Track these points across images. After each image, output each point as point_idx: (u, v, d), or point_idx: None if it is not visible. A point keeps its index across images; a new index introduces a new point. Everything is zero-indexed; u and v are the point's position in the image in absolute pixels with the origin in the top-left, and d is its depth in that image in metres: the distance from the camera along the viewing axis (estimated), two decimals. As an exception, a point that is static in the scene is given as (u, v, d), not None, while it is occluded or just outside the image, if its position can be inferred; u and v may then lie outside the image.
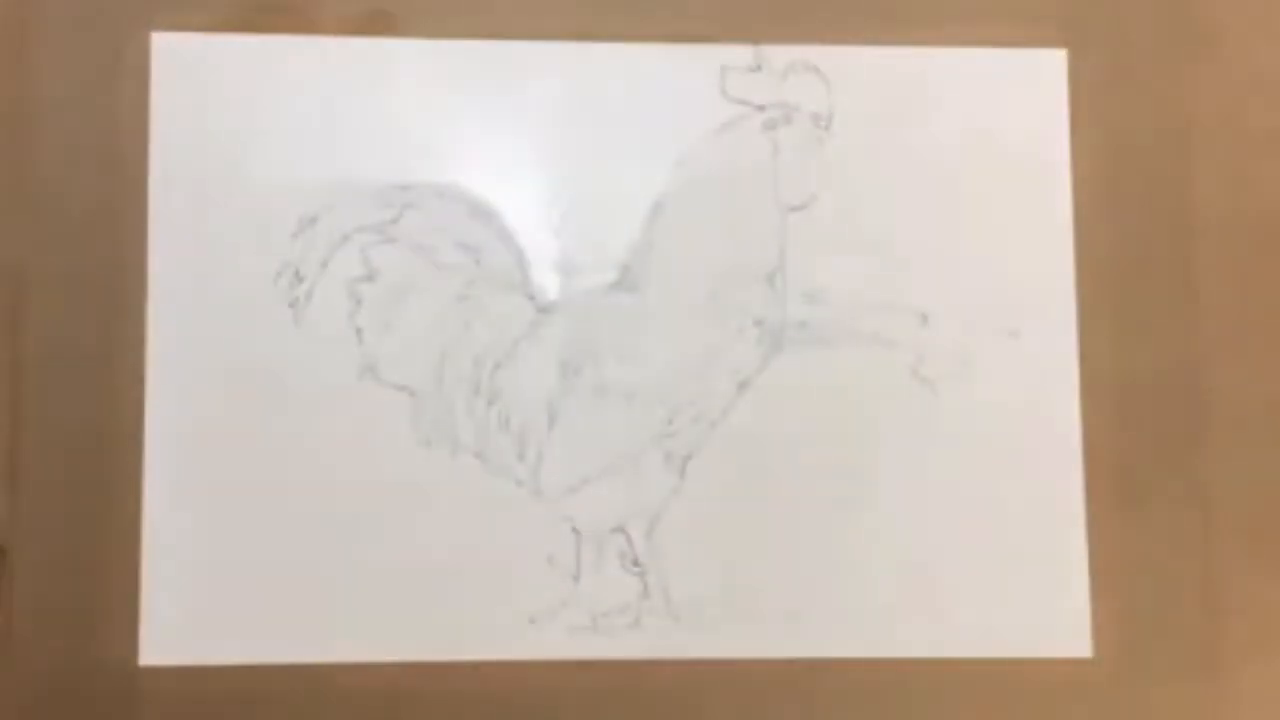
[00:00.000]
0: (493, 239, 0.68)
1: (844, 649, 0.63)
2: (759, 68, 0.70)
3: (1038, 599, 0.68)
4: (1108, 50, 0.71)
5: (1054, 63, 0.71)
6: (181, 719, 0.65)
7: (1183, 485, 0.69)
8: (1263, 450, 0.70)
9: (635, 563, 0.67)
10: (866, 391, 0.69)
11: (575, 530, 0.67)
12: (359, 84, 0.68)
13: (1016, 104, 0.71)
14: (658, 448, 0.68)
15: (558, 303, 0.68)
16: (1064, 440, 0.69)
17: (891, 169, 0.70)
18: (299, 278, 0.67)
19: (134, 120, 0.67)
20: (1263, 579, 0.69)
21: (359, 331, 0.67)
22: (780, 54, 0.70)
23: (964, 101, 0.71)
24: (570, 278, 0.68)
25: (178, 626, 0.65)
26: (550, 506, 0.67)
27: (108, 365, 0.66)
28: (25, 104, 0.67)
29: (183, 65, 0.68)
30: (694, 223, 0.69)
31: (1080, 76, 0.71)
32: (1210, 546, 0.69)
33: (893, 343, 0.69)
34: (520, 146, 0.69)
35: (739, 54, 0.70)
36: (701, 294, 0.69)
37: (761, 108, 0.70)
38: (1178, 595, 0.69)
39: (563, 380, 0.68)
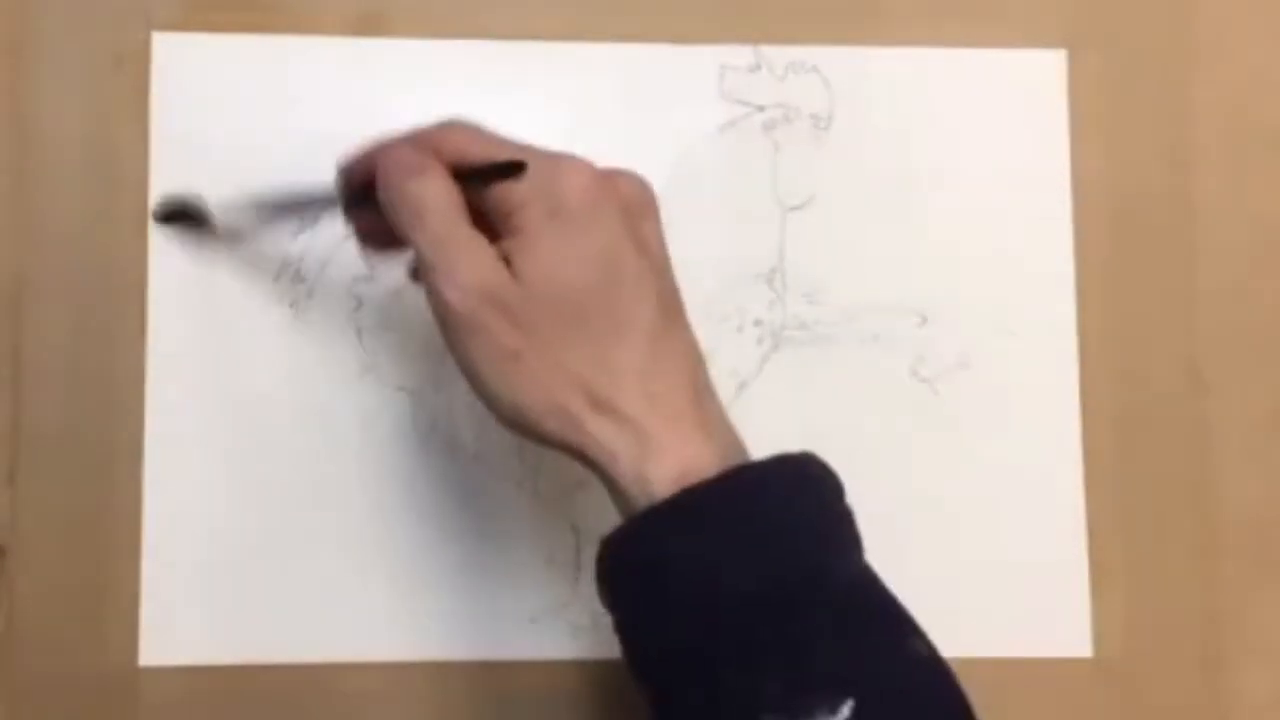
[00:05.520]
0: (493, 239, 0.68)
1: (844, 649, 0.63)
2: (759, 68, 0.70)
3: (1038, 599, 0.68)
4: (1108, 50, 0.71)
5: (1054, 63, 0.71)
6: (181, 719, 0.65)
7: (1183, 486, 0.69)
8: (1263, 450, 0.70)
9: (635, 563, 0.67)
10: (866, 391, 0.69)
11: (575, 530, 0.67)
12: (359, 84, 0.68)
13: (1016, 104, 0.71)
14: (658, 448, 0.68)
15: (558, 303, 0.68)
16: (1063, 440, 0.69)
17: (891, 169, 0.70)
18: (299, 278, 0.67)
19: (134, 120, 0.67)
20: (1263, 579, 0.69)
21: (359, 331, 0.67)
22: (780, 54, 0.70)
23: (964, 102, 0.71)
24: (570, 278, 0.68)
25: (178, 626, 0.65)
26: (550, 506, 0.67)
27: (108, 365, 0.66)
28: (24, 104, 0.67)
29: (183, 65, 0.68)
30: (694, 223, 0.69)
31: (1080, 77, 0.71)
32: (1211, 546, 0.69)
33: (893, 342, 0.69)
34: (520, 146, 0.69)
35: (739, 54, 0.70)
36: (701, 294, 0.69)
37: (761, 108, 0.70)
38: (1178, 595, 0.69)
39: (563, 380, 0.68)
